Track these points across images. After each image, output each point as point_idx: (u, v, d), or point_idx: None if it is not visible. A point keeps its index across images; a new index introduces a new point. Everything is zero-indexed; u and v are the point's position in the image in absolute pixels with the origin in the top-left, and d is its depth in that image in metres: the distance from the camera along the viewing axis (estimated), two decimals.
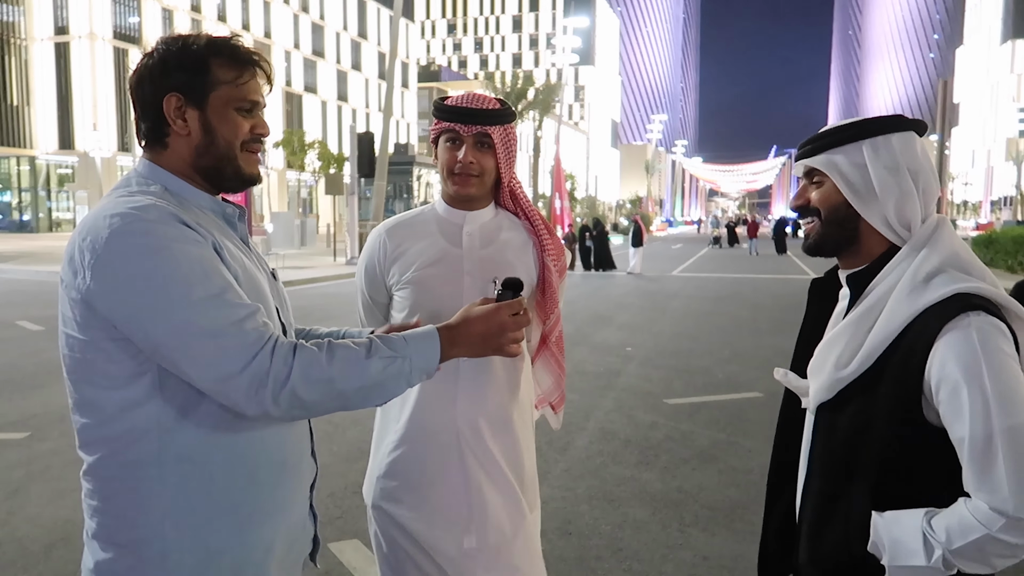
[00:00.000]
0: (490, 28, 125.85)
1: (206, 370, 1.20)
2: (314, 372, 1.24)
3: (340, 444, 5.11)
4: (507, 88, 48.78)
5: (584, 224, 22.54)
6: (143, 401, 1.27)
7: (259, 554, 1.37)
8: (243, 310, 1.23)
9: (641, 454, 5.07)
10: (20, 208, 45.80)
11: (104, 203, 1.29)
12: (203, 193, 1.39)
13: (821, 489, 1.42)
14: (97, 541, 1.32)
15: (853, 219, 1.41)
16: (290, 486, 1.42)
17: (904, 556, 1.25)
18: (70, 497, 4.14)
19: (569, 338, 9.36)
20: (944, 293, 1.27)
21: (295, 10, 58.70)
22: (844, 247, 1.44)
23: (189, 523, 1.30)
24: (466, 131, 1.87)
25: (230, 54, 1.36)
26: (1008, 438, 1.18)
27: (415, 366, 1.33)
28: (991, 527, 1.17)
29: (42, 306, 12.05)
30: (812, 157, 1.44)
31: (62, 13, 44.17)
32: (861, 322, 1.36)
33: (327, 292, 14.86)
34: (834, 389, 1.38)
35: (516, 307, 1.45)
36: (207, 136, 1.36)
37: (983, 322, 1.24)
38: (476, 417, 1.91)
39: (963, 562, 1.21)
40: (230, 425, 1.31)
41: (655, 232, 65.63)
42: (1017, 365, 1.24)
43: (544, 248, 1.99)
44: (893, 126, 1.39)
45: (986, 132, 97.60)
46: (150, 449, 1.28)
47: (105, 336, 1.24)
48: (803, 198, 1.47)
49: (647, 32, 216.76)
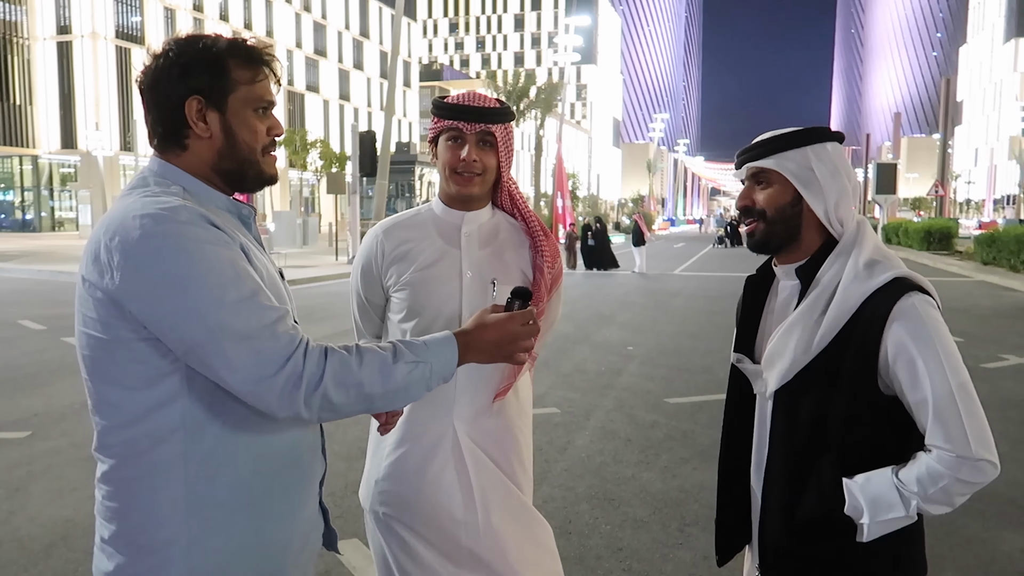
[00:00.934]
0: (492, 27, 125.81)
1: (240, 372, 1.21)
2: (345, 375, 1.25)
3: (340, 444, 5.12)
4: (509, 87, 48.75)
5: (586, 223, 22.51)
6: (169, 401, 1.27)
7: (277, 551, 1.38)
8: (274, 313, 1.24)
9: (642, 453, 5.07)
10: (23, 207, 45.87)
11: (127, 203, 1.28)
12: (220, 194, 1.40)
13: (786, 468, 1.56)
14: (113, 545, 1.31)
15: (796, 217, 1.59)
16: (306, 484, 1.44)
17: (884, 510, 1.42)
18: (71, 496, 4.14)
19: (570, 337, 9.25)
20: (885, 278, 1.47)
21: (297, 9, 58.71)
22: (786, 244, 1.61)
23: (212, 522, 1.30)
24: (469, 129, 1.87)
25: (246, 55, 1.37)
26: (962, 393, 1.39)
27: (435, 371, 1.35)
28: (957, 472, 1.37)
29: (44, 305, 12.08)
30: (761, 160, 1.59)
31: (64, 12, 44.19)
32: (812, 309, 1.52)
33: (329, 291, 14.87)
34: (793, 371, 1.52)
35: (528, 317, 1.47)
36: (228, 139, 1.36)
37: (922, 300, 1.45)
38: (474, 419, 1.91)
39: (932, 506, 1.41)
40: (253, 425, 1.32)
41: (657, 231, 65.63)
42: (949, 333, 1.46)
43: (539, 250, 1.98)
44: (826, 136, 1.59)
45: (989, 130, 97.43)
46: (176, 449, 1.28)
47: (134, 336, 1.24)
48: (749, 199, 1.62)
49: (649, 30, 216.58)
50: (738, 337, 1.74)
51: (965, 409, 1.38)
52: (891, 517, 1.42)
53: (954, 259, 23.47)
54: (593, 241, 22.23)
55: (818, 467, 1.50)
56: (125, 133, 43.17)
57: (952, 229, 28.62)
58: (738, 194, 1.67)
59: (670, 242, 44.40)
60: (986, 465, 1.38)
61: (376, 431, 2.01)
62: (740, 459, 1.70)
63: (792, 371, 1.52)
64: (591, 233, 22.33)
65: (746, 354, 1.70)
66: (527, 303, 1.51)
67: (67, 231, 43.43)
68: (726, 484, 1.74)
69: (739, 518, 1.71)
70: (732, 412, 1.74)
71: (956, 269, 20.52)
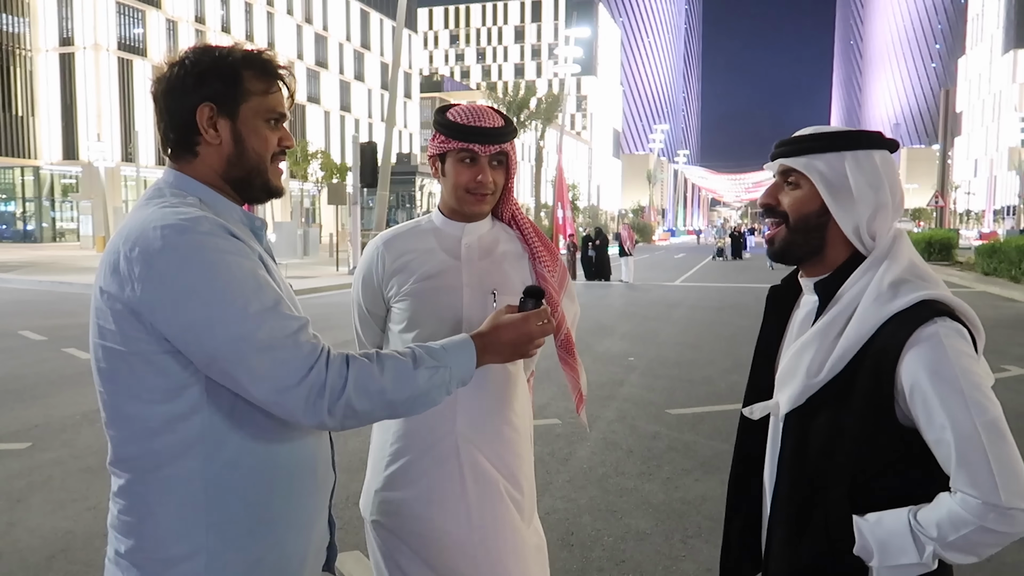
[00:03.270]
0: (492, 39, 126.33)
1: (264, 383, 1.21)
2: (368, 383, 1.26)
3: (341, 455, 5.10)
4: (509, 98, 48.95)
5: (587, 234, 22.62)
6: (190, 414, 1.26)
7: (296, 564, 1.38)
8: (296, 322, 1.25)
9: (643, 464, 5.06)
10: (24, 218, 45.94)
11: (145, 214, 1.27)
12: (234, 205, 1.40)
13: (793, 496, 1.43)
14: (129, 559, 1.29)
15: (821, 229, 1.43)
16: (320, 496, 1.44)
17: (894, 555, 1.28)
18: (71, 508, 4.13)
19: None
20: (910, 300, 1.31)
21: (298, 21, 59.00)
22: (808, 256, 1.46)
23: (232, 535, 1.29)
24: (485, 151, 1.86)
25: (261, 67, 1.37)
26: (988, 433, 1.23)
27: (454, 375, 1.37)
28: (983, 519, 1.21)
29: (45, 316, 12.07)
30: (792, 158, 1.44)
31: (67, 24, 44.40)
32: (829, 329, 1.38)
33: (330, 302, 14.87)
34: (805, 395, 1.40)
35: (543, 316, 1.51)
36: (238, 147, 1.36)
37: (948, 328, 1.29)
38: (475, 428, 1.90)
39: (952, 554, 1.25)
40: (272, 436, 1.31)
41: (657, 242, 65.76)
42: (978, 365, 1.30)
43: (537, 257, 1.99)
44: (876, 143, 1.43)
45: (988, 142, 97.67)
46: (195, 462, 1.26)
47: (155, 348, 1.23)
48: (774, 197, 1.48)
49: (649, 42, 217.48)
50: (757, 352, 1.63)
51: (993, 451, 1.22)
52: (903, 563, 1.28)
53: (955, 270, 23.50)
54: (594, 252, 22.28)
55: (825, 500, 1.37)
56: (127, 144, 43.30)
57: (952, 240, 28.66)
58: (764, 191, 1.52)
59: (670, 253, 44.41)
60: (1018, 514, 1.20)
61: (376, 441, 2.01)
62: (749, 482, 1.63)
63: (804, 395, 1.40)
64: (592, 244, 22.39)
65: (766, 367, 1.58)
66: (540, 302, 1.53)
67: (68, 242, 43.46)
68: (732, 512, 1.66)
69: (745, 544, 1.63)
70: (744, 434, 1.65)
71: (957, 280, 20.52)
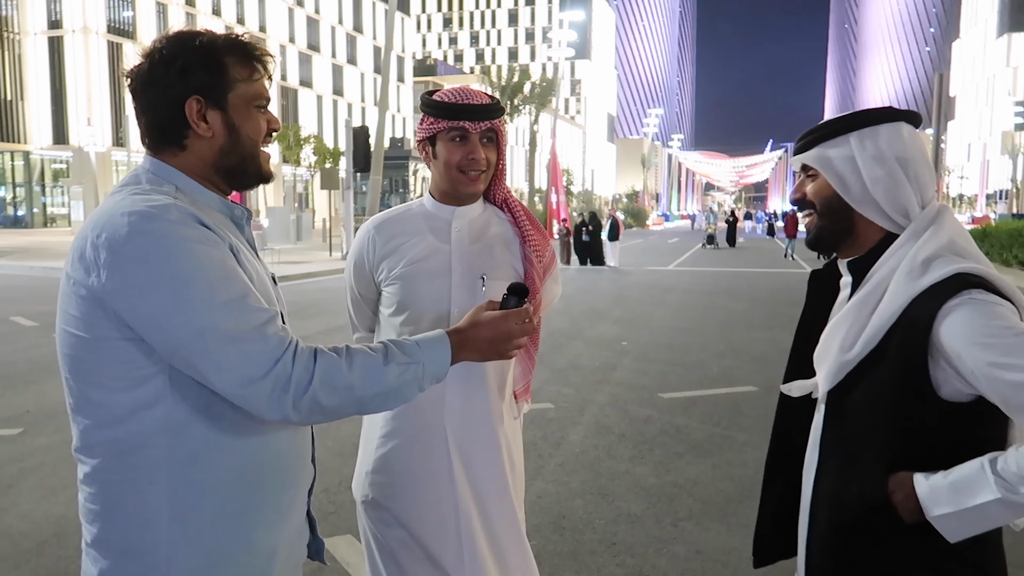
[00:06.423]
0: (486, 22, 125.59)
1: (228, 374, 1.19)
2: (335, 378, 1.24)
3: (334, 440, 5.11)
4: (503, 82, 48.72)
5: (581, 219, 22.62)
6: (154, 403, 1.24)
7: (263, 560, 1.36)
8: (264, 315, 1.22)
9: (635, 448, 5.08)
10: (14, 203, 45.62)
11: (117, 200, 1.26)
12: (213, 194, 1.37)
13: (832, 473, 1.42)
14: (97, 548, 1.29)
15: (846, 210, 1.44)
16: (293, 492, 1.41)
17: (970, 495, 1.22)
18: (63, 493, 4.13)
19: (564, 333, 9.24)
20: (943, 273, 1.28)
21: (290, 4, 58.45)
22: (842, 239, 1.47)
23: (195, 527, 1.27)
24: (475, 127, 1.86)
25: (243, 52, 1.35)
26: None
27: (427, 372, 1.33)
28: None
29: (36, 302, 12.02)
30: (806, 152, 1.48)
31: (55, 7, 43.88)
32: (863, 306, 1.38)
33: (323, 287, 14.84)
34: (841, 373, 1.39)
35: (524, 315, 1.45)
36: (232, 136, 1.34)
37: (983, 296, 1.25)
38: (464, 414, 1.91)
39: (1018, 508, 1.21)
40: (240, 428, 1.29)
41: (652, 226, 65.81)
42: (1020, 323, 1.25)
43: (527, 241, 1.99)
44: (881, 118, 1.42)
45: (982, 126, 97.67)
46: (159, 452, 1.25)
47: (118, 336, 1.21)
48: (800, 192, 1.51)
49: (643, 26, 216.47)
50: (796, 336, 1.62)
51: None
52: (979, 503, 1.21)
53: None
54: (587, 237, 22.29)
55: (865, 479, 1.36)
56: (117, 129, 42.96)
57: None
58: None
59: (664, 237, 44.43)
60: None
61: (367, 423, 2.02)
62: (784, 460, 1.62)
63: (841, 372, 1.39)
64: (586, 229, 22.39)
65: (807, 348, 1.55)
66: (523, 300, 1.48)
67: (59, 227, 43.20)
68: (768, 488, 1.66)
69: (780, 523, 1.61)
70: (782, 412, 1.63)
71: None
